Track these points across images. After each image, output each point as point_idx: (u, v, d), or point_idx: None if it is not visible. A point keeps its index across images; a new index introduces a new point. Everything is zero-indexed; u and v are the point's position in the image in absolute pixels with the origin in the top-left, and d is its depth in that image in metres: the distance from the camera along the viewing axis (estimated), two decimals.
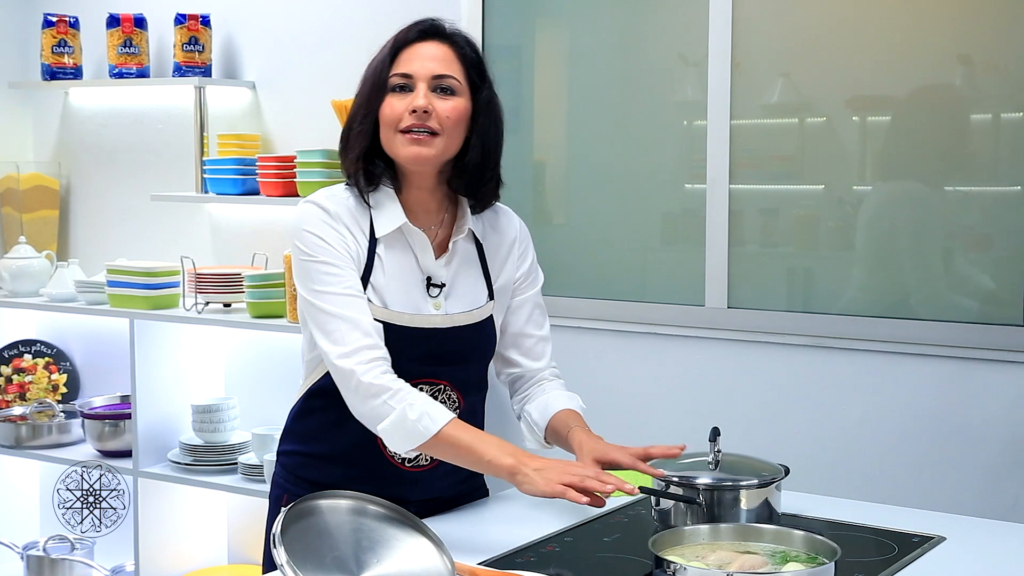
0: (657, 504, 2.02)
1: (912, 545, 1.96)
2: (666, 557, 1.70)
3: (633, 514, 2.14)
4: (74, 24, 4.05)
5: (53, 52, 4.02)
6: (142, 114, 4.09)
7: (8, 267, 4.02)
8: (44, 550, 4.00)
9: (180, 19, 3.78)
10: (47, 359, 4.25)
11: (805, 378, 3.03)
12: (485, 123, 2.08)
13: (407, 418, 1.95)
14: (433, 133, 2.01)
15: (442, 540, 1.72)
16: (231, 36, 3.90)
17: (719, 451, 2.05)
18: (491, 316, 2.16)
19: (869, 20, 2.94)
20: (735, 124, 3.10)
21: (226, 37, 3.90)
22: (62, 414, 4.07)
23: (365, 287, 2.04)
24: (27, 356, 4.24)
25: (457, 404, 2.12)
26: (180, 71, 3.79)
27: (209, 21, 3.81)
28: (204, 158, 3.78)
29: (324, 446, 2.14)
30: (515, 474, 1.91)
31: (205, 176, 3.74)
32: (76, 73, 4.07)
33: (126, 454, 3.78)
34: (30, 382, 4.19)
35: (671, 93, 3.22)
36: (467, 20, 3.44)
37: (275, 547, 1.58)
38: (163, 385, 3.75)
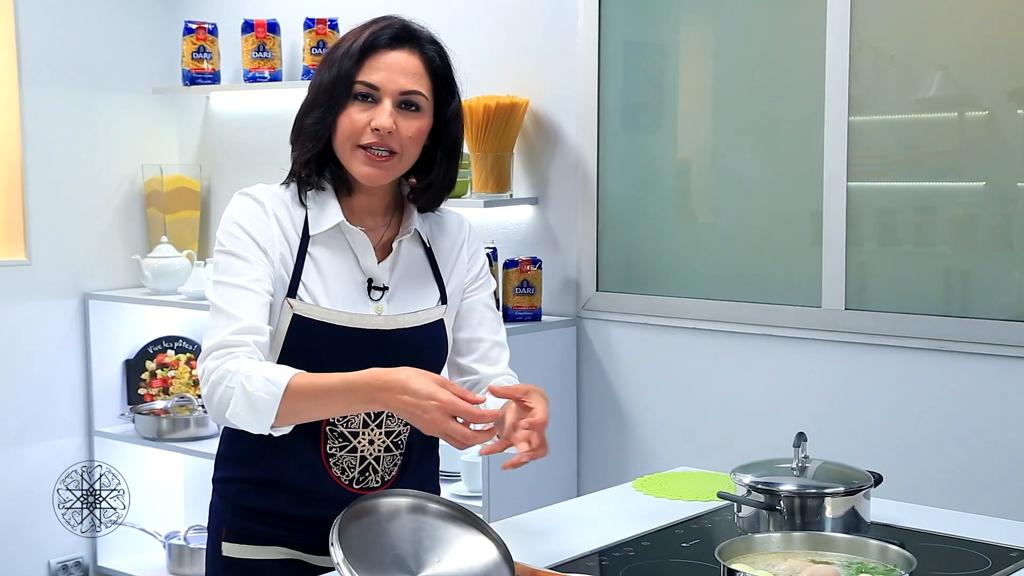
0: (738, 510, 1.98)
1: (1008, 559, 1.87)
2: (733, 566, 1.66)
3: (718, 519, 2.09)
4: (212, 31, 4.18)
5: (193, 58, 4.16)
6: (275, 117, 4.18)
7: (151, 266, 4.17)
8: (185, 539, 4.15)
9: (309, 23, 3.86)
10: (188, 355, 4.39)
11: (924, 383, 2.90)
12: (450, 137, 1.97)
13: (247, 391, 1.76)
14: (392, 152, 1.90)
15: (503, 540, 1.72)
16: None
17: (806, 456, 1.99)
18: (442, 320, 2.00)
19: None
20: (893, 119, 2.99)
21: None
22: (201, 408, 4.20)
23: (296, 287, 1.91)
24: (170, 352, 4.39)
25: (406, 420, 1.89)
26: (309, 75, 3.87)
27: (337, 25, 3.88)
28: None
29: (262, 470, 1.95)
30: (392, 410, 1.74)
31: None
32: (215, 78, 4.20)
33: None
34: (172, 377, 4.35)
35: (819, 89, 3.07)
36: (583, 18, 3.42)
37: (332, 545, 1.60)
38: None
